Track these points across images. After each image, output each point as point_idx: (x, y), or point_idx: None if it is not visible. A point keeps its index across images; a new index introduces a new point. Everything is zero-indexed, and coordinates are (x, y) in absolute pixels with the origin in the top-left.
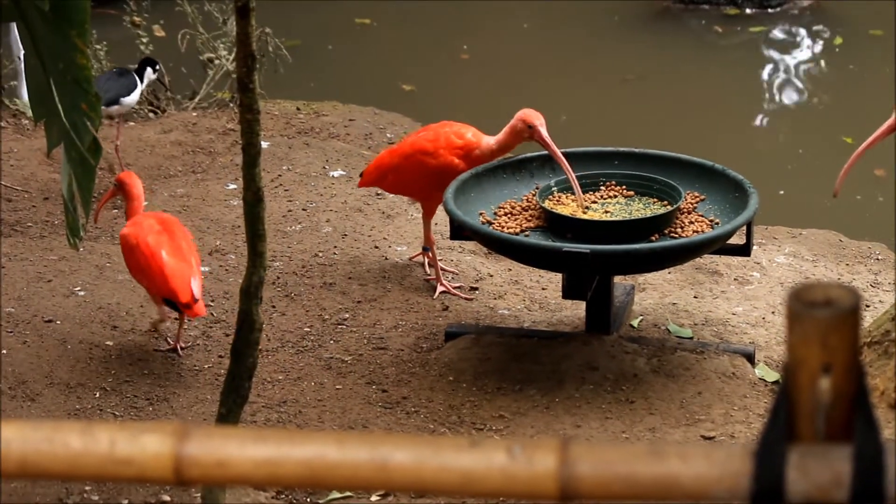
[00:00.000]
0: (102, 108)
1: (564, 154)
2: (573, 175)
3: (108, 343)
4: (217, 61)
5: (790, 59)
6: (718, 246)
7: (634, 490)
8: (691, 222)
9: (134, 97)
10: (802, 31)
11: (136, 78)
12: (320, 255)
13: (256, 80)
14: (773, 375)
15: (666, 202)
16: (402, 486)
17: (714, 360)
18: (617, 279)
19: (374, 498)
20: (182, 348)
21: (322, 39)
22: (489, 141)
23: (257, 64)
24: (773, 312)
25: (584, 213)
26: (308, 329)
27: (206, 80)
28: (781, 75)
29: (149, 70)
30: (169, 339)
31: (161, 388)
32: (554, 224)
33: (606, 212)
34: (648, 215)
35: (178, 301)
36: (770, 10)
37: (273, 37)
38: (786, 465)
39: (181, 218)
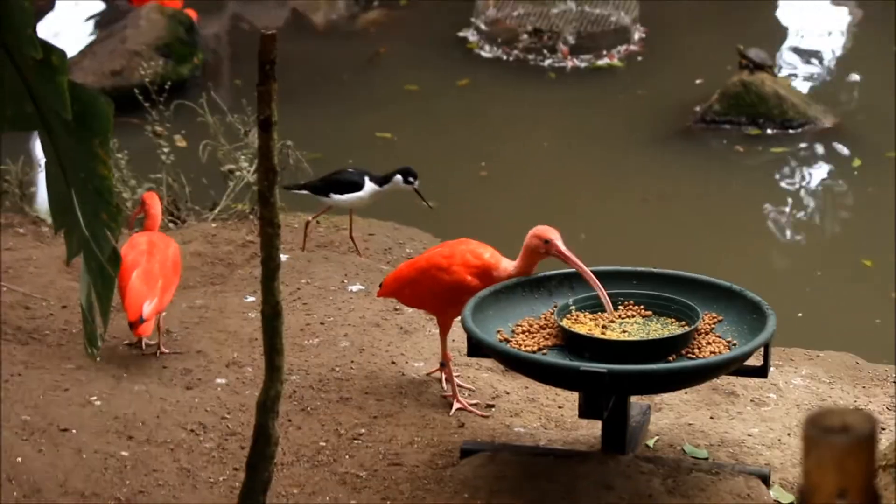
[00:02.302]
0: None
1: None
2: (598, 283)
3: (123, 453)
4: (238, 173)
5: (810, 180)
6: (736, 367)
7: None
8: (709, 343)
9: (353, 195)
10: (822, 152)
11: (368, 179)
12: (337, 369)
13: (277, 194)
14: (788, 497)
15: (684, 322)
16: None
17: (729, 481)
18: (633, 399)
19: None
20: (162, 352)
21: (343, 153)
22: (507, 266)
23: (278, 177)
24: (789, 434)
25: (603, 332)
26: (324, 443)
27: (227, 192)
28: (801, 196)
29: (398, 177)
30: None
31: (176, 500)
32: (572, 343)
33: (624, 331)
34: (666, 336)
35: (128, 320)
36: (791, 131)
37: (294, 149)
38: None
39: (199, 330)
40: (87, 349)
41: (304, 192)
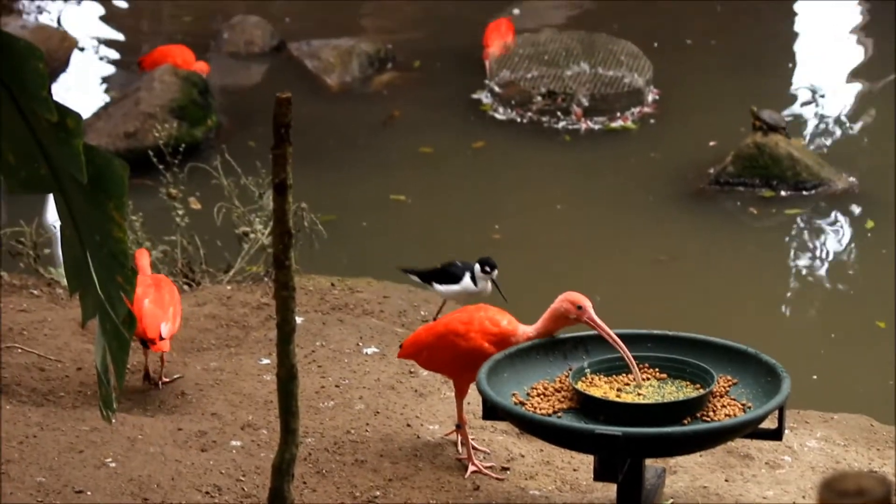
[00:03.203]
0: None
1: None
2: (626, 349)
3: None
4: (252, 235)
5: (823, 242)
6: (750, 430)
7: None
8: (724, 406)
9: (450, 287)
10: (835, 214)
11: (469, 275)
12: (352, 431)
13: (292, 256)
14: None
15: (698, 385)
16: None
17: None
18: (648, 461)
19: None
20: (164, 382)
21: (357, 215)
22: (526, 330)
23: (293, 240)
24: (804, 497)
25: (618, 395)
26: None
27: (241, 254)
28: (815, 258)
29: (476, 266)
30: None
31: None
32: (586, 406)
33: (639, 394)
34: (681, 399)
35: (146, 337)
36: (804, 193)
37: (309, 212)
38: None
39: (214, 392)
40: (103, 411)
41: (416, 277)
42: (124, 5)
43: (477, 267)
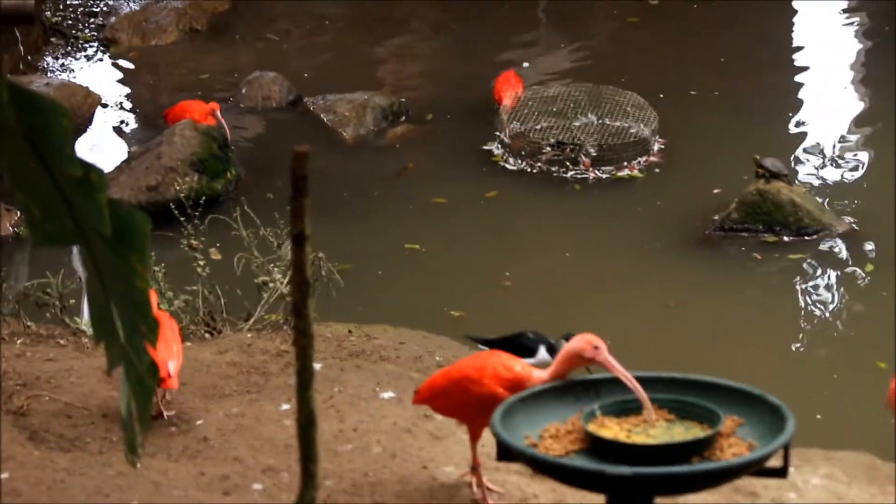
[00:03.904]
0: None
1: (616, 379)
2: (639, 387)
3: None
4: (271, 284)
5: (825, 285)
6: (757, 468)
7: None
8: (731, 445)
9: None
10: (837, 258)
11: (545, 348)
12: (370, 474)
13: (310, 305)
14: None
15: (706, 425)
16: None
17: None
18: (658, 500)
19: None
20: (167, 415)
21: (373, 264)
22: (541, 374)
23: (311, 289)
24: None
25: (628, 436)
26: None
27: (261, 303)
28: (817, 301)
29: (562, 342)
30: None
31: None
32: (598, 447)
33: (649, 435)
34: (689, 439)
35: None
36: (807, 238)
37: (326, 261)
38: None
39: (235, 437)
40: (128, 456)
41: (484, 347)
42: (145, 63)
43: (562, 342)
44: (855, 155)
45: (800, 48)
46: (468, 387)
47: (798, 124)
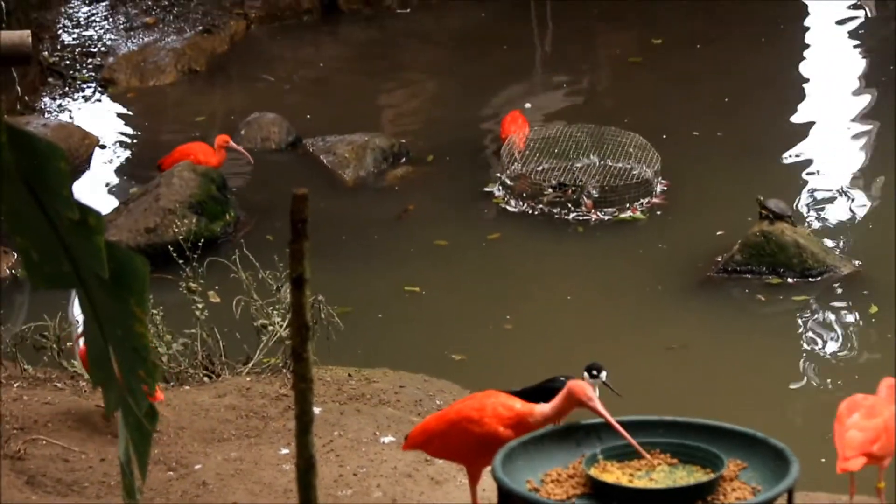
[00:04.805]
0: None
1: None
2: (627, 434)
3: None
4: (270, 327)
5: (829, 328)
6: None
7: None
8: (734, 489)
9: None
10: (841, 300)
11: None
12: None
13: (310, 349)
14: None
15: (709, 469)
16: None
17: None
18: None
19: None
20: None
21: (373, 307)
22: (543, 409)
23: (310, 333)
24: None
25: (630, 480)
26: None
27: (260, 346)
28: (821, 343)
29: (585, 374)
30: None
31: None
32: (599, 491)
33: (651, 479)
34: (692, 483)
35: None
36: (811, 279)
37: (325, 304)
38: None
39: (234, 481)
40: (126, 501)
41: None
42: (143, 104)
43: (585, 374)
44: (859, 196)
45: (803, 88)
46: (468, 427)
47: (802, 165)
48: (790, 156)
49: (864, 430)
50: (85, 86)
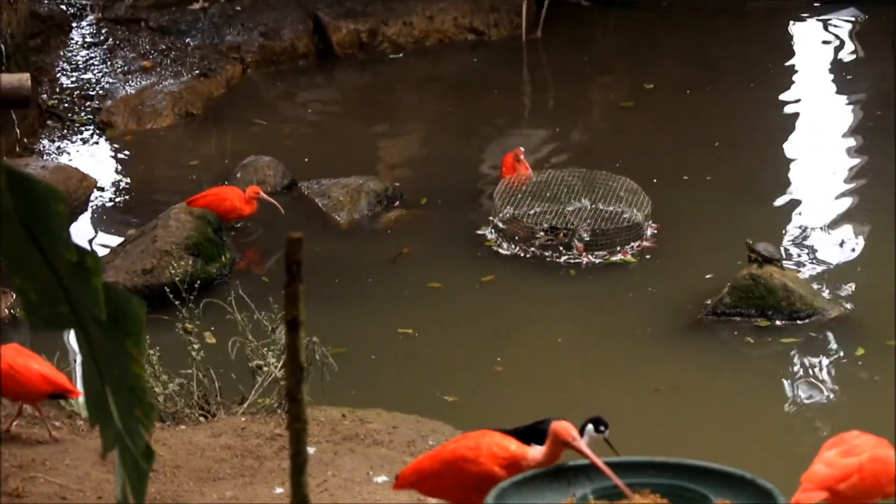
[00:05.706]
0: None
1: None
2: (612, 473)
3: None
4: (265, 368)
5: (818, 370)
6: None
7: None
8: None
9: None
10: (829, 342)
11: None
12: None
13: (304, 390)
14: None
15: None
16: None
17: None
18: None
19: None
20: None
21: (367, 348)
22: (535, 454)
23: (305, 374)
24: None
25: None
26: None
27: (255, 387)
28: (809, 385)
29: (590, 427)
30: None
31: None
32: None
33: None
34: None
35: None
36: (799, 322)
37: (320, 345)
38: None
39: None
40: None
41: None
42: (141, 146)
43: (590, 427)
44: (848, 239)
45: (792, 132)
46: (464, 466)
47: (791, 207)
48: (779, 199)
49: (831, 467)
50: (83, 128)
